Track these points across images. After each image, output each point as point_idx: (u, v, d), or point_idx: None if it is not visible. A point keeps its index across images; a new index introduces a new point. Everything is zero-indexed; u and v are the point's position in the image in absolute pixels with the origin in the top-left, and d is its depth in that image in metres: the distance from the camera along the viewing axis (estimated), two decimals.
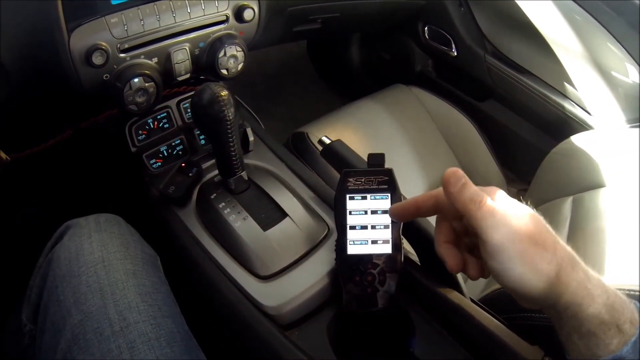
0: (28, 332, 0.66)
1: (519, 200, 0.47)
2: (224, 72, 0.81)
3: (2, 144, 0.71)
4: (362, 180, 0.59)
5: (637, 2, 1.17)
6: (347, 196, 0.59)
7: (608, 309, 0.41)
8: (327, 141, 0.77)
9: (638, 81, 1.13)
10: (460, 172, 0.47)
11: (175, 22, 0.74)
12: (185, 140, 0.84)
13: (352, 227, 0.58)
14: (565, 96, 1.27)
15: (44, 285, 0.63)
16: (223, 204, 0.70)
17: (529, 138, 1.40)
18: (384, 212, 0.58)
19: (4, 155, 0.69)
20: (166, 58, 0.76)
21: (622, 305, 0.42)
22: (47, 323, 0.60)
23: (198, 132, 0.85)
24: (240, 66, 0.82)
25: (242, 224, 0.68)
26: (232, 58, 0.80)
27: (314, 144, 1.06)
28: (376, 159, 0.61)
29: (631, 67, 1.14)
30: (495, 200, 0.45)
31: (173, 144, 0.83)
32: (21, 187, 1.08)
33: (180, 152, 0.84)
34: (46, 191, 1.16)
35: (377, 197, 0.59)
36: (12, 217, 1.06)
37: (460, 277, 0.62)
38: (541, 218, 0.45)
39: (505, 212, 0.44)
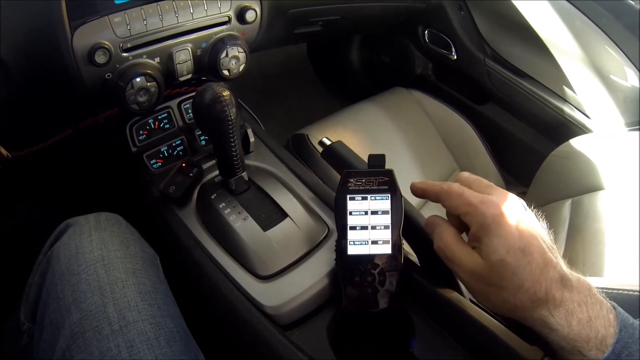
0: (26, 331, 0.66)
1: None
2: (226, 72, 0.81)
3: (3, 142, 0.71)
4: (363, 181, 0.59)
5: (636, 6, 1.18)
6: (348, 197, 0.59)
7: (568, 340, 0.44)
8: (328, 142, 0.77)
9: (637, 85, 1.14)
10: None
11: (178, 23, 0.74)
12: (186, 140, 0.84)
13: (353, 228, 0.59)
14: (564, 100, 1.27)
15: (43, 283, 0.63)
16: (223, 204, 0.70)
17: (528, 141, 1.41)
18: (384, 212, 0.58)
19: (4, 152, 0.69)
20: (168, 58, 0.76)
21: (588, 336, 0.43)
22: (46, 321, 0.59)
23: (199, 132, 0.85)
24: (241, 67, 0.83)
25: (243, 224, 0.68)
26: (234, 59, 0.80)
27: (314, 146, 1.06)
28: (377, 160, 0.62)
29: (630, 71, 1.15)
30: (484, 233, 0.47)
31: (174, 144, 0.83)
32: (21, 184, 1.08)
33: (180, 153, 0.84)
34: (46, 189, 1.16)
35: (378, 198, 0.59)
36: (11, 214, 1.06)
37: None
38: (521, 254, 0.45)
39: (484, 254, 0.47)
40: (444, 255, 0.51)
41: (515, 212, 0.47)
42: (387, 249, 0.58)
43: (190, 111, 0.87)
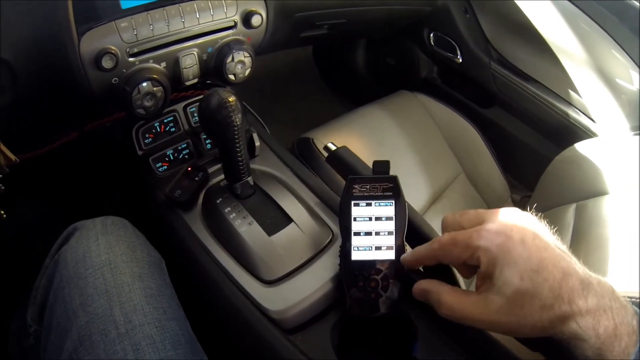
0: (33, 333, 0.67)
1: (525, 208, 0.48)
2: (232, 77, 0.81)
3: (10, 145, 0.72)
4: (367, 187, 0.59)
5: None
6: (352, 202, 0.59)
7: (594, 350, 0.42)
8: (333, 147, 0.77)
9: None
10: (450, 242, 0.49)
11: (184, 27, 0.75)
12: (192, 144, 0.85)
13: (357, 233, 0.59)
14: (569, 103, 1.27)
15: (50, 286, 0.63)
16: (229, 208, 0.71)
17: (533, 145, 1.40)
18: (388, 218, 0.59)
19: (12, 156, 0.70)
20: (174, 63, 0.77)
21: (613, 344, 0.42)
22: (53, 324, 0.60)
23: (204, 136, 0.86)
24: (247, 72, 0.83)
25: (248, 228, 0.68)
26: (240, 64, 0.81)
27: (319, 150, 1.07)
28: (381, 166, 0.62)
29: (635, 75, 1.15)
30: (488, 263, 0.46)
31: (179, 147, 0.84)
32: (27, 187, 1.08)
33: (186, 156, 0.84)
34: (53, 192, 1.17)
35: (382, 204, 0.59)
36: (18, 217, 1.07)
37: (462, 282, 0.62)
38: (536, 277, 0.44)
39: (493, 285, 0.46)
40: (455, 319, 0.49)
41: (516, 229, 0.46)
42: (390, 255, 0.58)
43: (196, 115, 0.87)
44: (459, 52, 1.47)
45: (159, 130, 0.84)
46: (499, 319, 0.45)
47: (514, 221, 0.47)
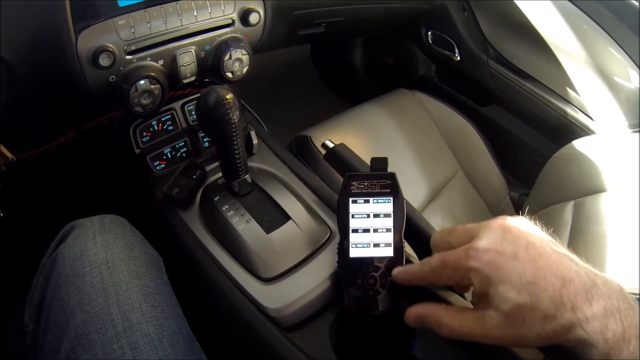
0: (30, 332, 0.66)
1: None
2: (229, 75, 0.81)
3: (7, 144, 0.72)
4: (365, 184, 0.59)
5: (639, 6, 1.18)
6: (350, 199, 0.59)
7: (602, 355, 0.40)
8: (331, 145, 0.77)
9: None
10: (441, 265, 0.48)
11: (182, 25, 0.75)
12: (189, 142, 0.84)
13: (355, 231, 0.59)
14: (567, 101, 1.27)
15: (48, 285, 0.63)
16: (226, 206, 0.70)
17: (531, 142, 1.41)
18: (386, 215, 0.59)
19: (9, 155, 0.69)
20: (172, 60, 0.76)
21: (621, 349, 0.40)
22: (50, 323, 0.60)
23: (202, 134, 0.86)
24: (245, 69, 0.83)
25: (245, 226, 0.68)
26: (238, 61, 0.81)
27: (317, 148, 1.07)
28: (379, 163, 0.62)
29: (633, 72, 1.15)
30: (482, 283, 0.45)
31: (177, 146, 0.83)
32: (25, 186, 1.08)
33: (184, 155, 0.84)
34: (50, 191, 1.16)
35: (380, 201, 0.59)
36: (16, 216, 1.07)
37: None
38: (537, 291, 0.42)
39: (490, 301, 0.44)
40: (457, 337, 0.47)
41: (507, 241, 0.44)
42: (389, 252, 0.58)
43: (193, 113, 0.87)
44: (456, 50, 1.47)
45: (156, 128, 0.84)
46: (501, 334, 0.44)
47: (504, 233, 0.45)
